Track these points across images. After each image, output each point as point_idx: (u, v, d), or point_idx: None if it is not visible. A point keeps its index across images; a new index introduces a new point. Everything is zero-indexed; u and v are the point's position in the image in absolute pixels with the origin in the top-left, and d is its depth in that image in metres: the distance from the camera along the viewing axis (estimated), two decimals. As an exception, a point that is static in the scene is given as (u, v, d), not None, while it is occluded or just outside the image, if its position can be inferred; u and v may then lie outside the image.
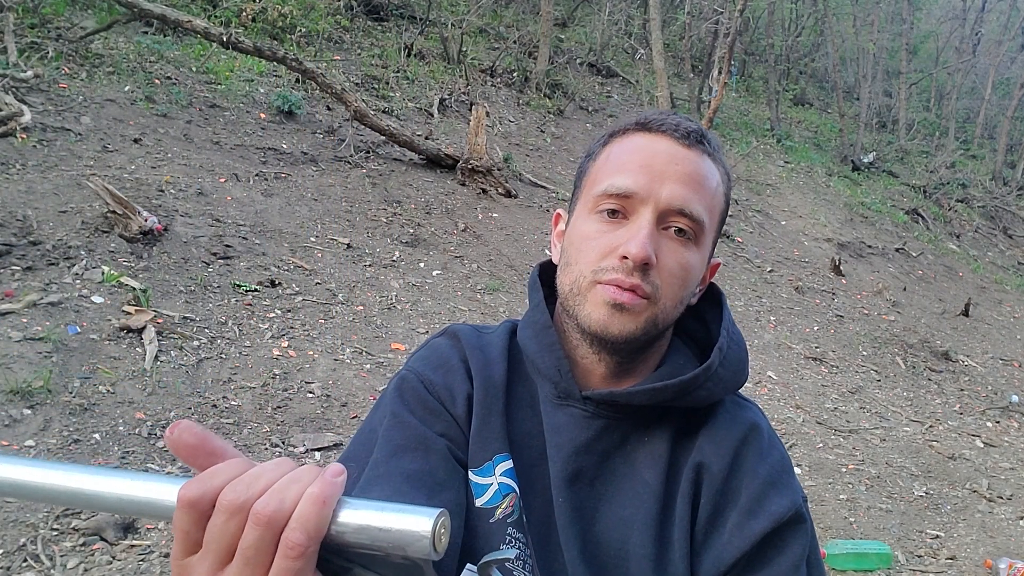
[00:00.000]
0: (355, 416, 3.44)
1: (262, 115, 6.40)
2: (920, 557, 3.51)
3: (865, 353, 6.55)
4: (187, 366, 3.42)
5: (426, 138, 7.05)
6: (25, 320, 3.27)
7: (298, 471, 0.43)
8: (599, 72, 11.90)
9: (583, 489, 0.74)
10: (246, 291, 4.11)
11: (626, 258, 0.69)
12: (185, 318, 3.72)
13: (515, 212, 6.62)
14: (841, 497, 3.92)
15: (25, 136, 4.58)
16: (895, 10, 17.06)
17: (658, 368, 0.78)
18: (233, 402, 3.31)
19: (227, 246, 4.41)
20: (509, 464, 0.74)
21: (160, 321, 3.60)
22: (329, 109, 7.07)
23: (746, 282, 7.28)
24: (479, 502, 0.73)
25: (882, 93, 16.96)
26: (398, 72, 8.47)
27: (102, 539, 2.43)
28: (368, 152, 6.54)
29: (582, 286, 0.72)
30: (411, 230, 5.60)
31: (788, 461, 0.76)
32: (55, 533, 2.40)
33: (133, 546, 2.43)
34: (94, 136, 4.97)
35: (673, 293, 0.72)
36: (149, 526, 2.53)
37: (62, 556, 2.33)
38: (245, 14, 7.68)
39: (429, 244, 5.54)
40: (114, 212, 3.99)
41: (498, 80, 9.72)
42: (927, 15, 21.06)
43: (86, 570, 2.30)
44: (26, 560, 2.28)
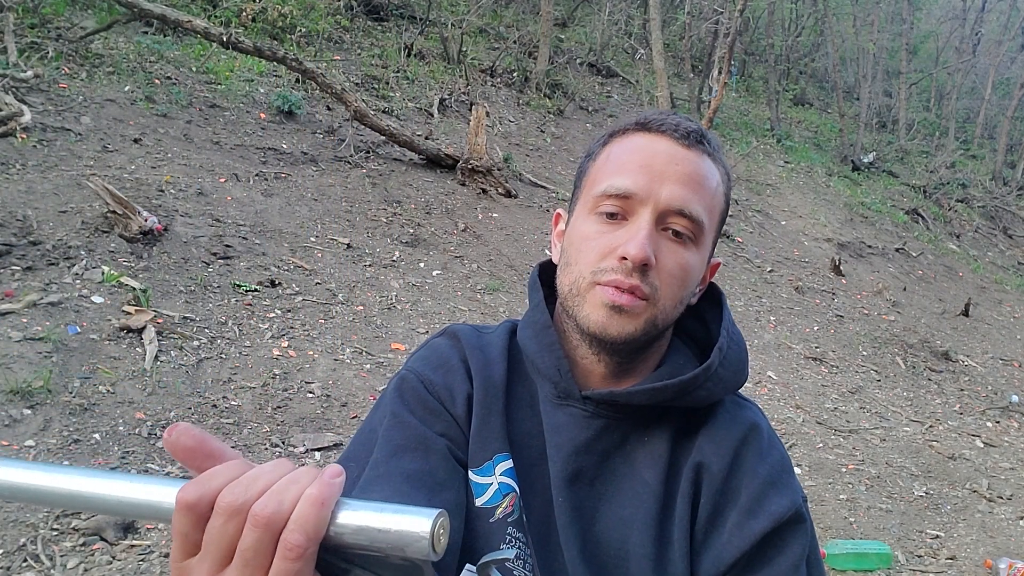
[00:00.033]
0: (355, 416, 3.44)
1: (262, 115, 6.40)
2: (920, 557, 3.51)
3: (865, 353, 6.55)
4: (187, 366, 3.42)
5: (426, 138, 7.05)
6: (25, 320, 3.27)
7: (296, 472, 0.43)
8: (599, 72, 11.90)
9: (583, 489, 0.74)
10: (246, 291, 4.11)
11: (625, 259, 0.69)
12: (185, 318, 3.72)
13: (515, 212, 6.62)
14: (841, 497, 3.92)
15: (25, 136, 4.58)
16: (895, 10, 17.06)
17: (658, 368, 0.78)
18: (233, 402, 3.31)
19: (227, 246, 4.41)
20: (509, 464, 0.74)
21: (160, 321, 3.60)
22: (329, 109, 7.07)
23: (746, 282, 7.28)
24: (479, 502, 0.73)
25: (882, 93, 16.96)
26: (398, 72, 8.47)
27: (102, 539, 2.43)
28: (368, 152, 6.54)
29: (581, 287, 0.73)
30: (411, 230, 5.59)
31: (788, 461, 0.76)
32: (55, 533, 2.40)
33: (133, 546, 2.43)
34: (94, 136, 4.97)
35: (672, 294, 0.72)
36: (149, 526, 2.53)
37: (62, 556, 2.33)
38: (245, 14, 7.68)
39: (429, 244, 5.54)
40: (114, 212, 3.99)
41: (498, 80, 9.72)
42: (927, 15, 21.06)
43: (86, 570, 2.30)
44: (26, 560, 2.28)
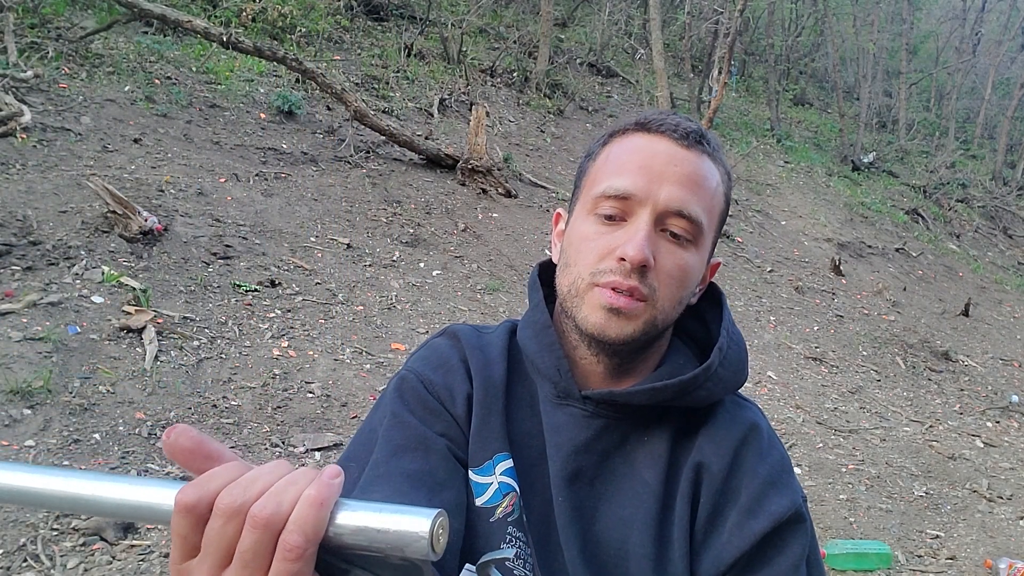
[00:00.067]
0: (355, 416, 3.44)
1: (262, 115, 6.40)
2: (920, 557, 3.51)
3: (865, 353, 6.55)
4: (187, 366, 3.42)
5: (426, 138, 7.05)
6: (25, 320, 3.27)
7: (295, 473, 0.43)
8: (599, 72, 11.90)
9: (583, 488, 0.74)
10: (246, 291, 4.11)
11: (624, 260, 0.69)
12: (185, 318, 3.72)
13: (515, 212, 6.62)
14: (841, 497, 3.92)
15: (25, 136, 4.58)
16: (895, 10, 17.06)
17: (658, 368, 0.78)
18: (233, 402, 3.31)
19: (227, 246, 4.41)
20: (509, 463, 0.74)
21: (160, 321, 3.60)
22: (329, 109, 7.07)
23: (746, 282, 7.28)
24: (479, 501, 0.73)
25: (882, 93, 16.95)
26: (398, 72, 8.47)
27: (102, 539, 2.43)
28: (368, 152, 6.54)
29: (580, 288, 0.73)
30: (411, 230, 5.59)
31: (788, 461, 0.76)
32: (55, 533, 2.40)
33: (133, 546, 2.43)
34: (94, 136, 4.97)
35: (671, 294, 0.72)
36: (149, 526, 2.53)
37: (62, 556, 2.33)
38: (245, 14, 7.68)
39: (429, 244, 5.54)
40: (114, 212, 3.99)
41: (498, 80, 9.71)
42: (927, 15, 21.06)
43: (86, 570, 2.30)
44: (26, 560, 2.28)
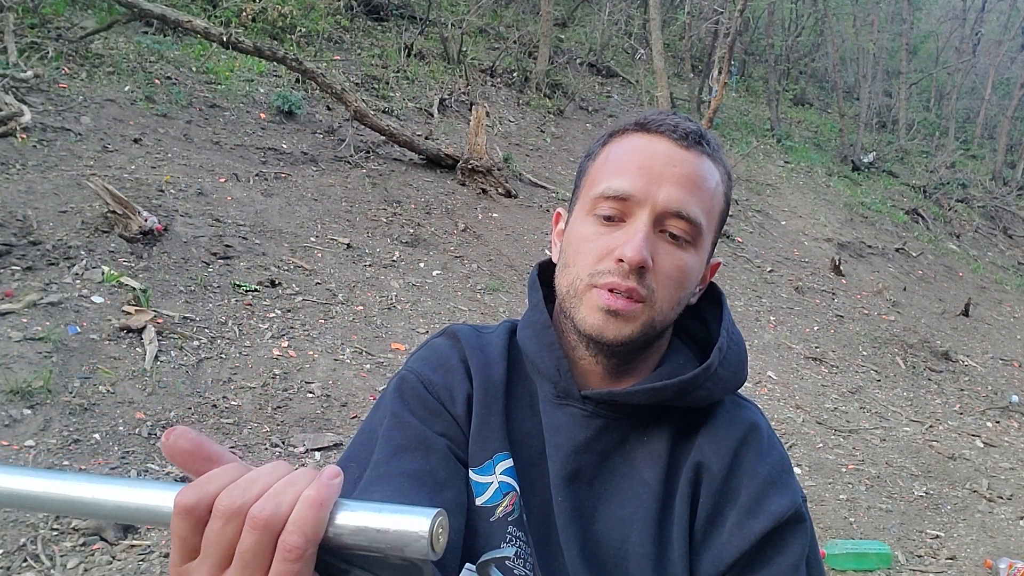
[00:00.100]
0: (355, 416, 3.44)
1: (262, 115, 6.40)
2: (920, 557, 3.51)
3: (865, 353, 6.55)
4: (187, 366, 3.42)
5: (426, 138, 7.05)
6: (25, 320, 3.27)
7: (294, 474, 0.43)
8: (599, 72, 11.90)
9: (582, 488, 0.74)
10: (246, 291, 4.11)
11: (622, 261, 0.69)
12: (185, 318, 3.72)
13: (515, 212, 6.62)
14: (841, 497, 3.92)
15: (25, 136, 4.58)
16: (895, 10, 17.06)
17: (657, 368, 0.78)
18: (233, 402, 3.31)
19: (227, 246, 4.41)
20: (509, 463, 0.74)
21: (160, 321, 3.60)
22: (329, 109, 7.07)
23: (746, 282, 7.28)
24: (479, 501, 0.73)
25: (882, 93, 16.95)
26: (398, 72, 8.47)
27: (102, 539, 2.43)
28: (368, 152, 6.54)
29: (578, 288, 0.73)
30: (411, 230, 5.59)
31: (788, 461, 0.77)
32: (55, 533, 2.40)
33: (133, 546, 2.43)
34: (94, 136, 4.97)
35: (670, 295, 0.72)
36: (149, 526, 2.53)
37: (62, 556, 2.33)
38: (245, 14, 7.68)
39: (429, 244, 5.54)
40: (114, 212, 3.99)
41: (498, 80, 9.71)
42: (927, 15, 21.06)
43: (86, 570, 2.30)
44: (26, 560, 2.28)
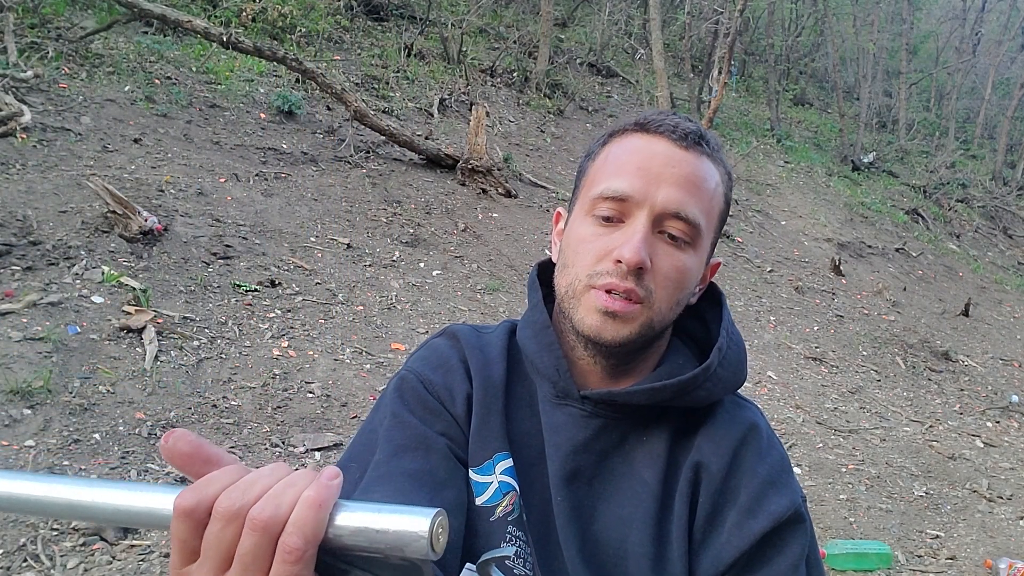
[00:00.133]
0: (355, 416, 3.44)
1: (262, 115, 6.40)
2: (920, 557, 3.51)
3: (865, 353, 6.55)
4: (187, 366, 3.42)
5: (426, 138, 7.05)
6: (25, 320, 3.27)
7: (293, 476, 0.43)
8: (599, 72, 11.90)
9: (581, 488, 0.74)
10: (246, 291, 4.11)
11: (620, 262, 0.69)
12: (185, 318, 3.72)
13: (515, 212, 6.62)
14: (841, 497, 3.92)
15: (25, 136, 4.58)
16: (895, 10, 17.05)
17: (657, 368, 0.78)
18: (233, 402, 3.31)
19: (227, 246, 4.41)
20: (509, 463, 0.74)
21: (160, 321, 3.60)
22: (329, 109, 7.07)
23: (746, 282, 7.28)
24: (479, 500, 0.73)
25: (882, 93, 16.95)
26: (398, 72, 8.47)
27: (102, 539, 2.43)
28: (368, 152, 6.54)
29: (577, 289, 0.73)
30: (411, 230, 5.59)
31: (787, 461, 0.76)
32: (55, 533, 2.40)
33: (133, 546, 2.43)
34: (94, 136, 4.97)
35: (668, 296, 0.72)
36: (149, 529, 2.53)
37: (62, 556, 2.33)
38: (245, 14, 7.68)
39: (429, 244, 5.53)
40: (114, 212, 3.99)
41: (498, 80, 9.71)
42: (927, 15, 21.05)
43: (86, 570, 2.30)
44: (26, 560, 2.28)
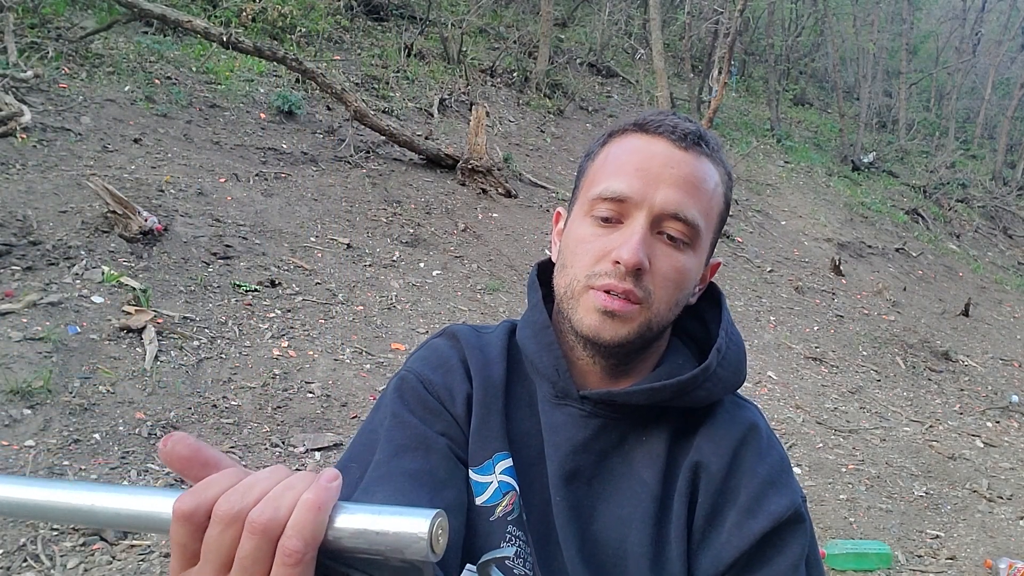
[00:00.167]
0: (355, 416, 3.44)
1: (262, 115, 6.40)
2: (920, 557, 3.51)
3: (865, 353, 6.55)
4: (187, 366, 3.42)
5: (426, 138, 7.05)
6: (25, 320, 3.27)
7: (292, 478, 0.42)
8: (599, 72, 11.90)
9: (580, 488, 0.74)
10: (246, 291, 4.11)
11: (618, 263, 0.69)
12: (185, 318, 3.72)
13: (515, 212, 6.62)
14: (841, 497, 3.92)
15: (25, 136, 4.58)
16: (895, 10, 17.05)
17: (656, 368, 0.78)
18: (233, 402, 3.31)
19: (227, 246, 4.41)
20: (509, 462, 0.74)
21: (160, 321, 3.60)
22: (329, 109, 7.07)
23: (746, 282, 7.28)
24: (479, 500, 0.73)
25: (882, 93, 16.95)
26: (398, 72, 8.47)
27: (102, 539, 2.43)
28: (368, 152, 6.54)
29: (576, 290, 0.73)
30: (411, 230, 5.59)
31: (787, 461, 0.76)
32: (55, 533, 2.40)
33: (133, 546, 2.43)
34: (94, 136, 4.97)
35: (667, 297, 0.72)
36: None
37: (62, 556, 2.33)
38: (245, 14, 7.68)
39: (429, 244, 5.53)
40: (114, 212, 3.99)
41: (498, 80, 9.71)
42: (927, 15, 21.05)
43: (86, 570, 2.30)
44: (26, 560, 2.28)
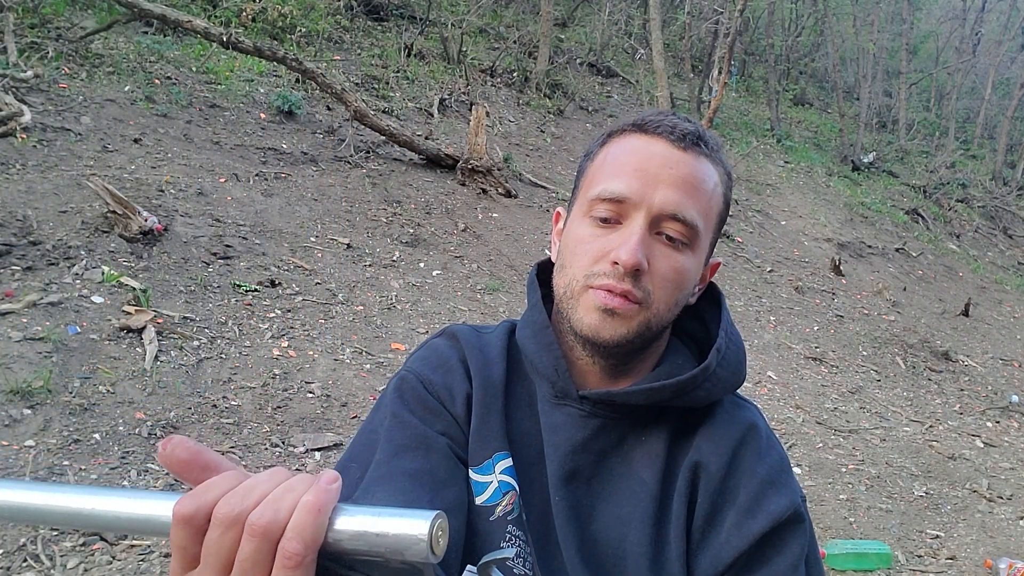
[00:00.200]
0: (355, 416, 3.44)
1: (262, 115, 6.40)
2: (920, 557, 3.51)
3: (865, 353, 6.55)
4: (187, 366, 3.42)
5: (426, 138, 7.05)
6: (25, 320, 3.27)
7: (292, 480, 0.42)
8: (599, 72, 11.90)
9: (580, 488, 0.74)
10: (246, 291, 4.11)
11: (617, 264, 0.69)
12: (185, 318, 3.72)
13: (515, 212, 6.62)
14: (841, 497, 3.92)
15: (25, 136, 4.58)
16: (895, 10, 17.06)
17: (656, 368, 0.78)
18: (233, 402, 3.31)
19: (227, 246, 4.41)
20: (509, 462, 0.74)
21: (160, 321, 3.60)
22: (329, 109, 7.07)
23: (746, 282, 7.28)
24: (479, 500, 0.73)
25: (882, 93, 16.95)
26: (398, 72, 8.47)
27: (102, 539, 2.43)
28: (368, 152, 6.54)
29: (575, 290, 0.73)
30: (411, 230, 5.59)
31: (787, 461, 0.76)
32: (55, 533, 2.40)
33: (133, 546, 2.43)
34: (94, 136, 4.97)
35: (666, 297, 0.72)
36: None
37: (62, 556, 2.33)
38: (245, 14, 7.68)
39: (429, 244, 5.53)
40: (114, 212, 3.99)
41: (498, 80, 9.71)
42: (927, 15, 21.06)
43: (86, 570, 2.30)
44: (26, 560, 2.28)
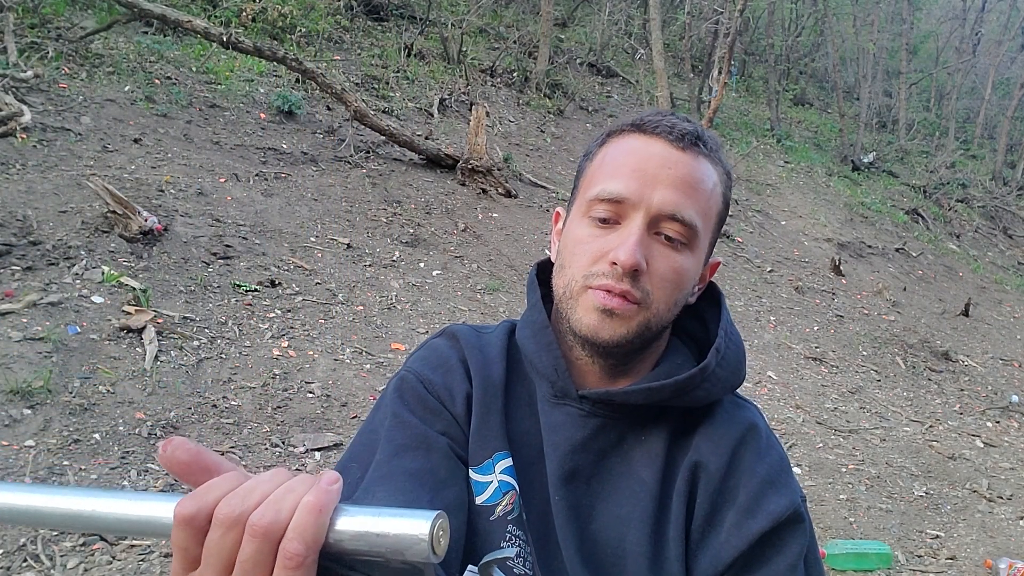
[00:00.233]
0: (355, 416, 3.44)
1: (262, 115, 6.40)
2: (920, 557, 3.51)
3: (865, 353, 6.55)
4: (187, 366, 3.42)
5: (426, 138, 7.05)
6: (25, 320, 3.27)
7: (293, 481, 0.42)
8: (599, 72, 11.90)
9: (579, 487, 0.74)
10: (246, 291, 4.11)
11: (616, 264, 0.69)
12: (185, 318, 3.72)
13: (515, 212, 6.62)
14: (841, 497, 3.92)
15: (25, 136, 4.58)
16: (895, 10, 17.06)
17: (655, 367, 0.79)
18: (233, 402, 3.31)
19: (227, 246, 4.41)
20: (509, 462, 0.74)
21: (160, 321, 3.60)
22: (329, 109, 7.07)
23: (746, 282, 7.28)
24: (479, 500, 0.73)
25: (882, 93, 16.95)
26: (398, 72, 8.47)
27: (102, 539, 2.43)
28: (368, 152, 6.54)
29: (574, 290, 0.73)
30: (411, 230, 5.59)
31: (786, 461, 0.76)
32: (55, 533, 2.40)
33: (133, 546, 2.43)
34: (94, 136, 4.97)
35: (665, 297, 0.72)
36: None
37: (62, 556, 2.33)
38: (245, 14, 7.68)
39: (429, 244, 5.54)
40: (114, 212, 3.99)
41: (498, 80, 9.71)
42: (927, 15, 21.05)
43: (86, 570, 2.30)
44: (26, 560, 2.28)
